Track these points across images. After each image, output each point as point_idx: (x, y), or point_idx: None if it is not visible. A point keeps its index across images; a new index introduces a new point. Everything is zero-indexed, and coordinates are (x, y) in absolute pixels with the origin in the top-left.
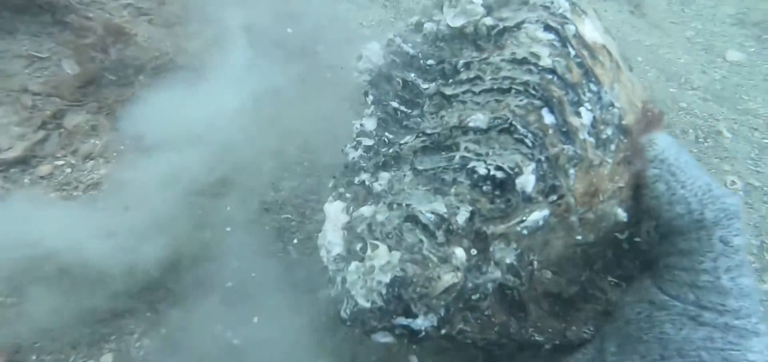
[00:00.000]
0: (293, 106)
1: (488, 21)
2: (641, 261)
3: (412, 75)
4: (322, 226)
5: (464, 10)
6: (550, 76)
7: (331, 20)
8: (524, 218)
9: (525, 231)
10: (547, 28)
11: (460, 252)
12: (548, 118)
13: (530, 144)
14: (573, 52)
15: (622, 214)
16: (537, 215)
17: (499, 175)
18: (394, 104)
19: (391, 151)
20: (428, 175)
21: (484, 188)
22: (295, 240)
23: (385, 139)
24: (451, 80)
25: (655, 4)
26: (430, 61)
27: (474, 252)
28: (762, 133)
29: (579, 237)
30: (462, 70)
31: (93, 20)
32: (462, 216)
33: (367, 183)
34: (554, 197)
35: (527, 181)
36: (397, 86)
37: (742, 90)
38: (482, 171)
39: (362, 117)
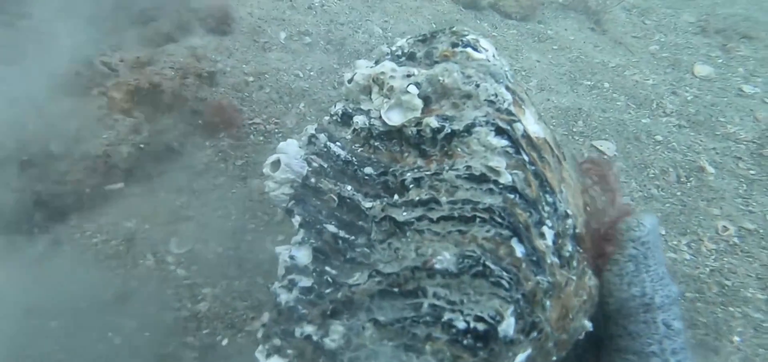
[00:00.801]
0: (211, 187)
1: (433, 123)
2: (591, 341)
3: (349, 188)
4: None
5: (400, 101)
6: (512, 196)
7: (258, 75)
8: None
9: None
10: (499, 131)
11: None
12: (519, 250)
13: (507, 285)
14: (527, 159)
15: (588, 325)
16: (521, 356)
17: (481, 326)
18: (332, 229)
19: (339, 295)
20: (394, 328)
21: (465, 342)
22: None
23: (328, 279)
24: (397, 197)
25: (615, 18)
26: (368, 170)
27: None
28: (746, 162)
29: (554, 359)
30: (411, 186)
31: None
32: None
33: (314, 338)
34: (535, 333)
35: (509, 325)
36: (331, 203)
37: (717, 110)
38: (461, 325)
39: (290, 245)
